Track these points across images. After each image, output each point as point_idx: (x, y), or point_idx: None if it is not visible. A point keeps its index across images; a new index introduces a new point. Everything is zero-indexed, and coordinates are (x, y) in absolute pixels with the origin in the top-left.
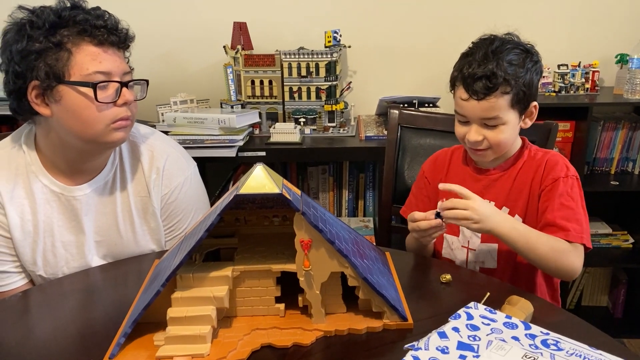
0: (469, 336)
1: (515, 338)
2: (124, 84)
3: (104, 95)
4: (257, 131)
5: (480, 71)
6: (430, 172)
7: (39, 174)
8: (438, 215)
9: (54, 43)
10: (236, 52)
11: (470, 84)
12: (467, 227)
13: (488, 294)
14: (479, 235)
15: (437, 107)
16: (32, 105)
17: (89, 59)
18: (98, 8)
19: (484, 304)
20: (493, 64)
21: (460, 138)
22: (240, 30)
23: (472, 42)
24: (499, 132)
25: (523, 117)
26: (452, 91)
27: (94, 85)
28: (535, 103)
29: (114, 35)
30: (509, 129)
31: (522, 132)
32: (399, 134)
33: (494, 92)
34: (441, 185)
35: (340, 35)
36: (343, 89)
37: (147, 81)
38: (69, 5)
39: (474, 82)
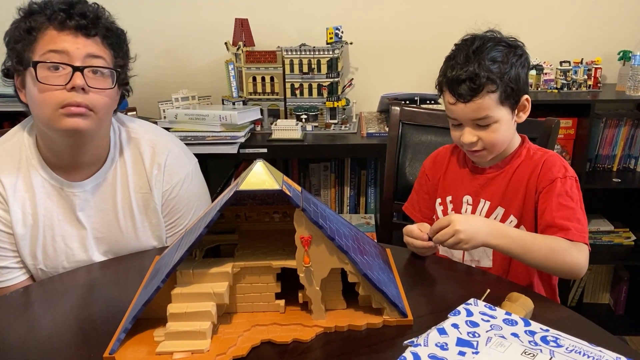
0: (468, 333)
1: (515, 335)
2: (78, 69)
3: (50, 76)
4: (258, 128)
5: (463, 74)
6: (430, 169)
7: (38, 167)
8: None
9: (25, 30)
10: (238, 49)
11: (455, 87)
12: (462, 249)
13: (488, 290)
14: None
15: (438, 103)
16: (17, 91)
17: (46, 41)
18: None
19: (484, 300)
20: (474, 65)
21: (456, 141)
22: (242, 27)
23: (455, 45)
24: (493, 131)
25: (516, 111)
26: (441, 95)
27: (34, 64)
28: (526, 96)
29: (74, 20)
30: (502, 126)
31: (524, 129)
32: (400, 131)
33: (479, 93)
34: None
35: (342, 32)
36: (345, 86)
37: (115, 70)
38: None
39: (458, 85)
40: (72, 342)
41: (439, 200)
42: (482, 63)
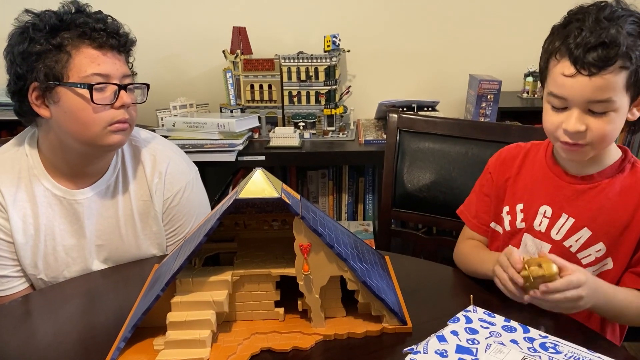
0: (467, 339)
1: (514, 341)
2: (122, 87)
3: (100, 97)
4: (256, 135)
5: (594, 38)
6: (496, 167)
7: (41, 177)
8: None
9: (53, 45)
10: (235, 57)
11: (582, 54)
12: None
13: (471, 296)
14: (549, 246)
15: (436, 110)
16: (32, 107)
17: (87, 61)
18: (100, 12)
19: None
20: (613, 30)
21: (551, 129)
22: (240, 35)
23: (569, 13)
24: (607, 122)
25: (631, 106)
26: (544, 68)
27: (90, 87)
28: None
29: (113, 39)
30: (619, 118)
31: (520, 136)
32: (398, 138)
33: (611, 66)
34: (544, 287)
35: (339, 40)
36: (342, 93)
37: (147, 85)
38: (72, 9)
39: (586, 52)
40: (71, 351)
41: (506, 209)
42: (620, 30)
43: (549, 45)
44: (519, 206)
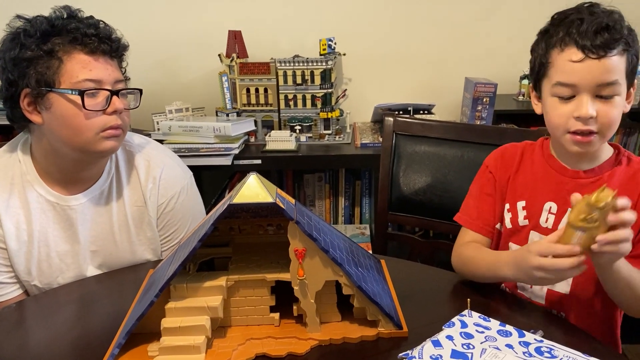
0: (462, 344)
1: (509, 346)
2: (115, 92)
3: (92, 103)
4: (252, 139)
5: (598, 24)
6: (497, 166)
7: (34, 183)
8: None
9: (45, 51)
10: (231, 61)
11: (589, 39)
12: (610, 260)
13: (469, 300)
14: None
15: (432, 113)
16: (24, 113)
17: (79, 67)
18: (91, 17)
19: (469, 309)
20: (611, 16)
21: (561, 121)
22: (235, 39)
23: (554, 18)
24: (613, 106)
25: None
26: (545, 63)
27: (81, 93)
28: (635, 81)
29: (105, 44)
30: (622, 103)
31: (518, 138)
32: (394, 141)
33: (616, 48)
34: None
35: (335, 43)
36: (338, 97)
37: (140, 90)
38: (64, 15)
39: (593, 36)
40: (65, 357)
41: (507, 206)
42: (618, 18)
43: (550, 38)
44: (520, 203)
